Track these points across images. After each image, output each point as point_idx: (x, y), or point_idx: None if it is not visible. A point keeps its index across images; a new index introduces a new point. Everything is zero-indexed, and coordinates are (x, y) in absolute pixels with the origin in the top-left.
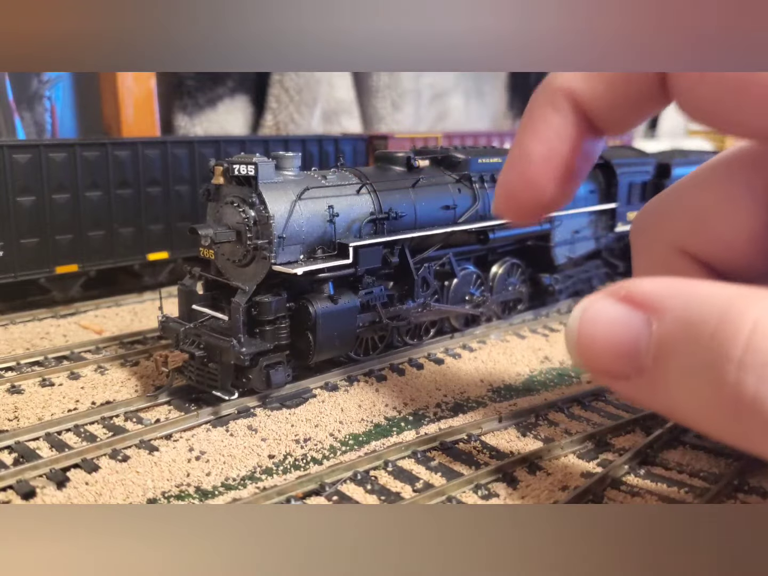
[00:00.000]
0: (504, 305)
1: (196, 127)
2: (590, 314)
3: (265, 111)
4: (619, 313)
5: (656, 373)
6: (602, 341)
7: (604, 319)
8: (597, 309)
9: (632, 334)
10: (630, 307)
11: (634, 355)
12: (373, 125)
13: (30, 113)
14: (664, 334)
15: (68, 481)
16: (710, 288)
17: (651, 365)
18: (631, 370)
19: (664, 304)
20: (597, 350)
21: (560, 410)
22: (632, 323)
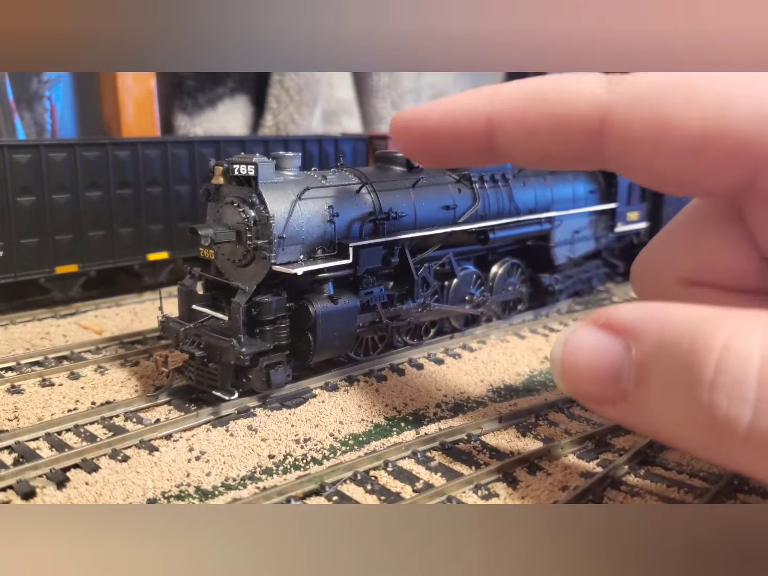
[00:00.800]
0: (504, 305)
1: (196, 127)
2: (572, 343)
3: (265, 111)
4: (600, 340)
5: (638, 397)
6: (585, 368)
7: (585, 346)
8: (578, 337)
9: (613, 360)
10: (609, 333)
11: (617, 381)
12: (373, 125)
13: (30, 113)
14: (642, 358)
15: (68, 481)
16: (685, 310)
17: (633, 389)
18: (615, 395)
19: (642, 329)
20: (581, 377)
21: (560, 410)
22: (612, 349)
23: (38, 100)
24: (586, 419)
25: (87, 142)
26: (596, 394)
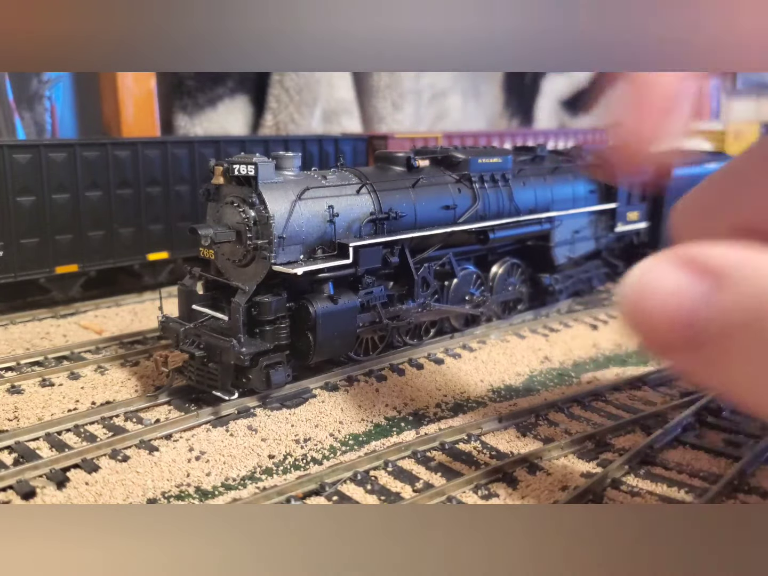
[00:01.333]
0: (504, 305)
1: (196, 127)
2: (649, 278)
3: (265, 111)
4: (682, 279)
5: (716, 350)
6: (660, 309)
7: (664, 284)
8: (657, 273)
9: (694, 304)
10: (694, 273)
11: (693, 328)
12: (373, 125)
13: (30, 113)
14: (729, 308)
15: (68, 481)
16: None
17: (713, 339)
18: (690, 344)
19: (734, 274)
20: (653, 318)
21: (560, 410)
22: (695, 292)
23: (38, 100)
24: (586, 419)
25: (87, 142)
26: (667, 338)
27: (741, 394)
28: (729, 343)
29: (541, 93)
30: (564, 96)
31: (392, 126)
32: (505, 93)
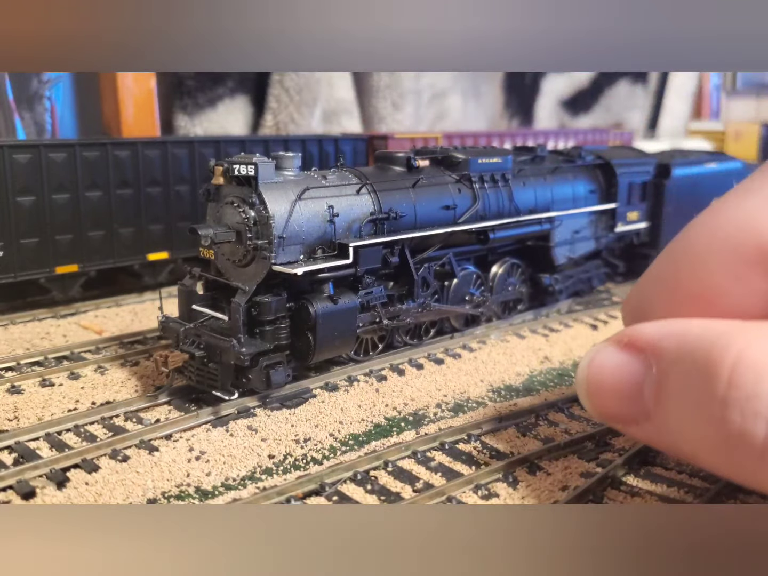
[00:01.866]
0: (504, 305)
1: (196, 127)
2: (597, 363)
3: (265, 111)
4: (623, 359)
5: (659, 415)
6: (609, 388)
7: (609, 365)
8: (602, 357)
9: (636, 379)
10: (632, 352)
11: (639, 398)
12: (373, 125)
13: (30, 113)
14: (662, 375)
15: (68, 481)
16: (704, 324)
17: (653, 407)
18: (639, 414)
19: (661, 346)
20: (605, 396)
21: (560, 410)
22: (635, 368)
23: (38, 100)
24: (586, 419)
25: (87, 142)
26: (621, 413)
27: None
28: (666, 408)
29: (541, 93)
30: (564, 96)
31: (392, 126)
32: (505, 93)
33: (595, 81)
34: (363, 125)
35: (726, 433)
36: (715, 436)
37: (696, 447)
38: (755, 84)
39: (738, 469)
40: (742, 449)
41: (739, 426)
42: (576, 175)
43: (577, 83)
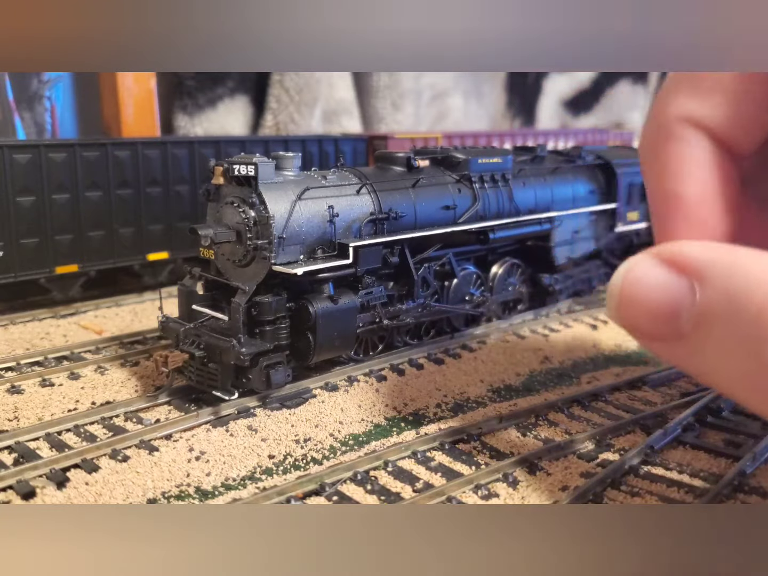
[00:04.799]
0: (504, 305)
1: (196, 127)
2: (633, 275)
3: (265, 111)
4: (663, 276)
5: (695, 340)
6: (644, 303)
7: (647, 281)
8: (641, 270)
9: (674, 299)
10: (674, 270)
11: (675, 320)
12: (373, 125)
13: (30, 113)
14: (706, 302)
15: (68, 481)
16: (757, 260)
17: (691, 331)
18: (671, 334)
19: (709, 272)
20: (638, 312)
21: (560, 410)
22: (675, 288)
23: (38, 100)
24: (586, 419)
25: (87, 142)
26: (650, 329)
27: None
28: (706, 335)
29: (543, 93)
30: (566, 96)
31: (392, 126)
32: (507, 93)
33: (596, 81)
34: (363, 125)
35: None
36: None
37: (734, 381)
38: None
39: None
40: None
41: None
42: (576, 175)
43: (578, 83)
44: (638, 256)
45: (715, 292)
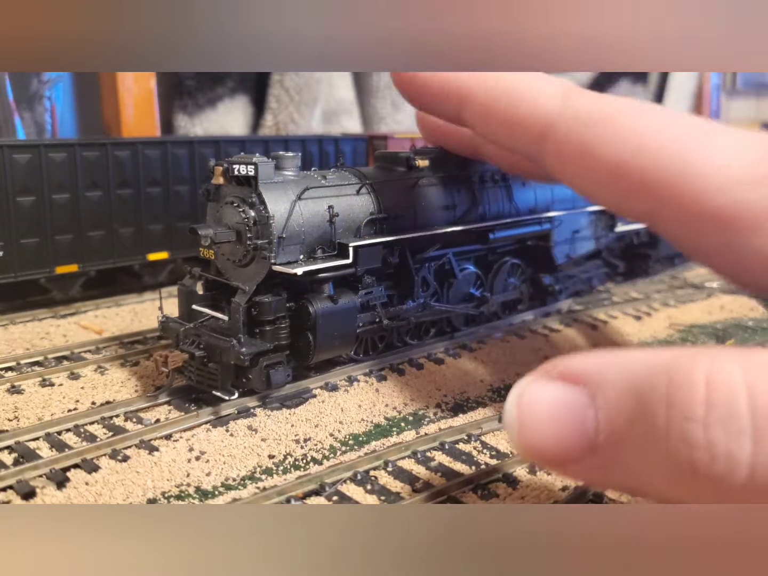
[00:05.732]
0: (504, 305)
1: (196, 127)
2: (527, 399)
3: (265, 111)
4: (558, 392)
5: (609, 449)
6: (544, 424)
7: (543, 400)
8: (533, 392)
9: (576, 412)
10: (567, 384)
11: (583, 434)
12: (373, 125)
13: (30, 113)
14: (612, 407)
15: (68, 481)
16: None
17: (603, 442)
18: (581, 450)
19: (605, 376)
20: (541, 435)
21: None
22: (573, 400)
23: (38, 100)
24: None
25: (87, 142)
26: (558, 451)
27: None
28: (622, 441)
29: None
30: None
31: (392, 126)
32: None
33: (596, 81)
34: (363, 125)
35: (711, 455)
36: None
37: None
38: (755, 84)
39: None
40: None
41: (725, 444)
42: None
43: (578, 83)
44: (525, 380)
45: (618, 395)
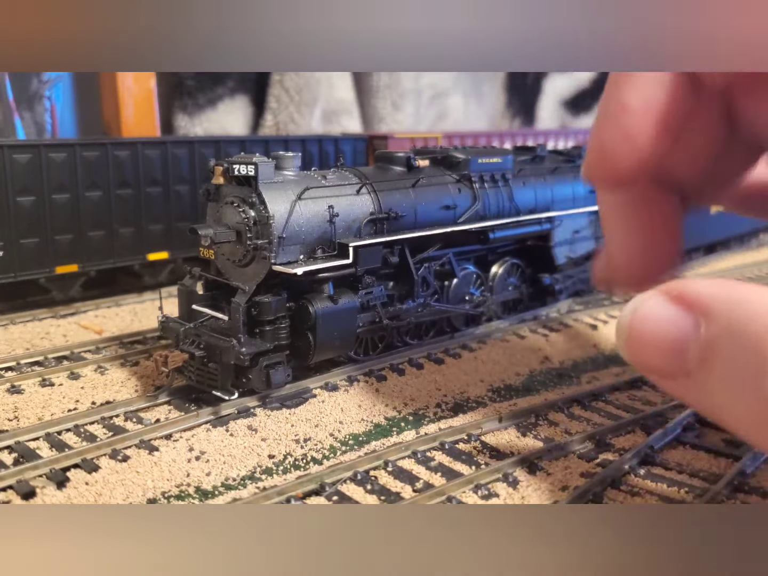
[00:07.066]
0: (504, 305)
1: (196, 127)
2: (642, 312)
3: (265, 111)
4: (670, 313)
5: (701, 377)
6: (652, 340)
7: (654, 317)
8: (649, 307)
9: (681, 336)
10: (681, 308)
11: (682, 357)
12: (373, 125)
13: (30, 113)
14: (710, 338)
15: (68, 481)
16: (759, 294)
17: (696, 368)
18: (679, 371)
19: (714, 308)
20: (646, 348)
21: (560, 410)
22: (682, 324)
23: (38, 100)
24: (586, 419)
25: (87, 142)
26: (659, 366)
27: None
28: (711, 372)
29: (543, 93)
30: (565, 96)
31: (392, 126)
32: (507, 93)
33: (596, 81)
34: (363, 125)
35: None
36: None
37: (739, 418)
38: None
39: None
40: None
41: None
42: (576, 175)
43: (578, 83)
44: (646, 294)
45: (719, 328)
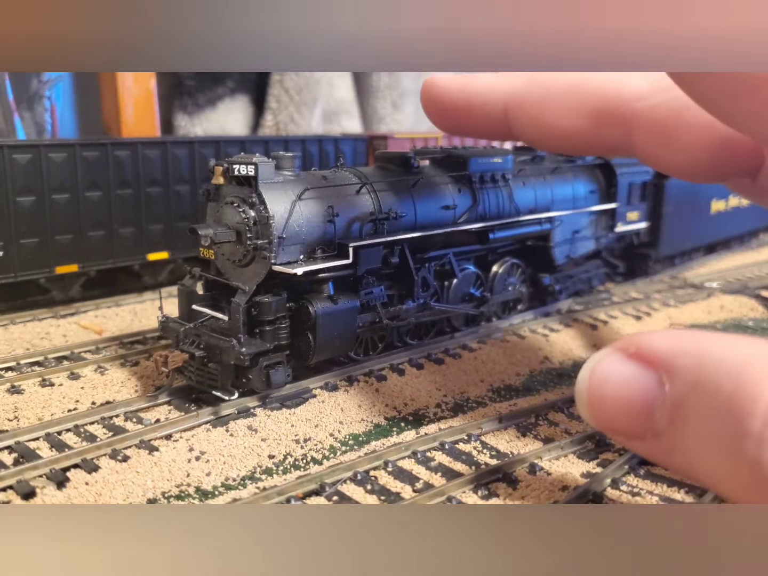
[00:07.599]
0: (504, 305)
1: (196, 127)
2: (599, 373)
3: (265, 111)
4: (630, 372)
5: (672, 437)
6: (614, 401)
7: (614, 378)
8: (606, 367)
9: (645, 394)
10: (641, 365)
11: (648, 416)
12: (373, 125)
13: (30, 113)
14: (677, 396)
15: (68, 481)
16: (726, 346)
17: (666, 428)
18: (646, 431)
19: (677, 365)
20: (609, 411)
21: (560, 410)
22: (644, 383)
23: (38, 100)
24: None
25: (87, 142)
26: (625, 428)
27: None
28: (682, 431)
29: None
30: None
31: (392, 126)
32: None
33: None
34: (363, 125)
35: (759, 473)
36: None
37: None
38: None
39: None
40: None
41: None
42: (576, 175)
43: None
44: (602, 352)
45: (684, 384)
